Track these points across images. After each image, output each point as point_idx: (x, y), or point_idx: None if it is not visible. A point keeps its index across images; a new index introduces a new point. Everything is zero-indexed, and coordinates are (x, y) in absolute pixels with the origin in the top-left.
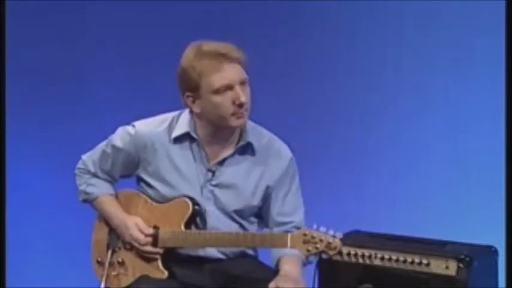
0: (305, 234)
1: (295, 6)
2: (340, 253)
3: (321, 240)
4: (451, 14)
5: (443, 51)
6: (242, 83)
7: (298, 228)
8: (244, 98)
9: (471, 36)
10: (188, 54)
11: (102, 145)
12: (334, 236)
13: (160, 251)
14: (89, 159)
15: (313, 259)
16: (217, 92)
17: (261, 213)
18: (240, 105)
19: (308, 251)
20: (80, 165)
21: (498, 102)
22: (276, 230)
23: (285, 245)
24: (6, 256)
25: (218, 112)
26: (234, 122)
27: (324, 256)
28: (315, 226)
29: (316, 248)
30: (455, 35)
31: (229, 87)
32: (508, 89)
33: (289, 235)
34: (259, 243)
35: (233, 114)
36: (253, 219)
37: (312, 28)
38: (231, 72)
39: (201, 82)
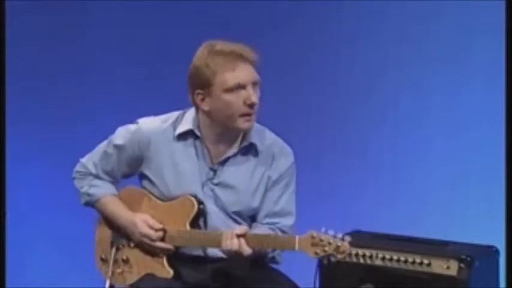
0: (313, 237)
1: (295, 6)
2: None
3: (329, 243)
4: (451, 14)
5: (444, 51)
6: (254, 84)
7: (282, 231)
8: (255, 98)
9: (471, 36)
10: (202, 52)
11: (102, 146)
12: (342, 240)
13: (172, 247)
14: (89, 161)
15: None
16: (229, 90)
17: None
18: (251, 106)
19: (316, 253)
20: (79, 168)
21: (498, 102)
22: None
23: (293, 248)
24: (6, 256)
25: (228, 111)
26: (242, 124)
27: (332, 259)
28: (323, 229)
29: (325, 251)
30: (455, 35)
31: (242, 87)
32: (508, 89)
33: (297, 238)
34: (265, 244)
35: (242, 115)
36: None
37: (312, 28)
38: (245, 72)
39: (214, 79)
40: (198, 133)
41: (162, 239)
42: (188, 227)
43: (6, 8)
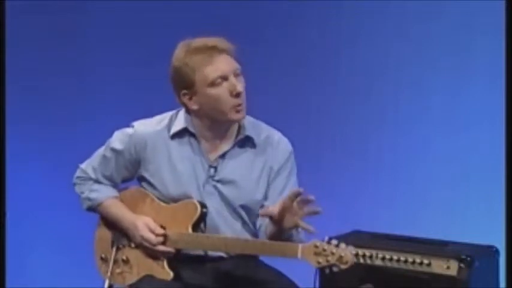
0: (316, 246)
1: (295, 6)
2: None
3: (332, 253)
4: (451, 14)
5: (444, 51)
6: (236, 74)
7: None
8: (240, 87)
9: (471, 36)
10: (178, 53)
11: (100, 151)
12: (346, 250)
13: (173, 250)
14: (88, 166)
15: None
16: (212, 84)
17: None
18: (238, 95)
19: (319, 263)
20: (79, 173)
21: (498, 102)
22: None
23: (295, 256)
24: (6, 256)
25: (217, 106)
26: (234, 116)
27: (334, 269)
28: (326, 238)
29: (327, 260)
30: (455, 35)
31: (224, 78)
32: (508, 89)
33: (300, 246)
34: (268, 251)
35: (232, 107)
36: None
37: (312, 28)
38: (223, 63)
39: (196, 77)
40: (192, 130)
41: (163, 242)
42: (190, 230)
43: (6, 8)
